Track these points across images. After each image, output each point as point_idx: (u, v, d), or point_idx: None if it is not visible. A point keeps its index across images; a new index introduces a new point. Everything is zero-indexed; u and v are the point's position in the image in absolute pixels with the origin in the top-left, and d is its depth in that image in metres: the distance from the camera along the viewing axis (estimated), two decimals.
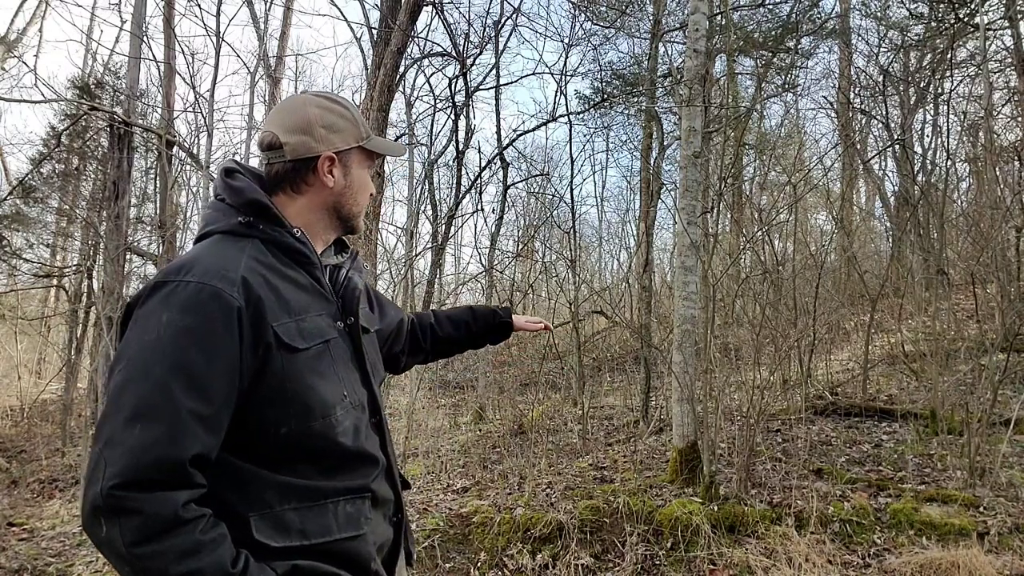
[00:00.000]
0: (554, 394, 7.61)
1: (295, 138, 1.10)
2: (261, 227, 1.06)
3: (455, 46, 6.94)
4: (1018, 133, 8.18)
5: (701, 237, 4.51)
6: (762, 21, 8.53)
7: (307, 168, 1.11)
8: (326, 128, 1.12)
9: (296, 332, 1.01)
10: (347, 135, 1.15)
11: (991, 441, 3.75)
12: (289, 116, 1.12)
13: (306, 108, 1.12)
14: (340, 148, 1.14)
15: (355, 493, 1.08)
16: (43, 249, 10.67)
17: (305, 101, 1.14)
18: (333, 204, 1.16)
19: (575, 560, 3.09)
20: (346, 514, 1.06)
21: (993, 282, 5.97)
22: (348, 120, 1.16)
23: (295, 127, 1.11)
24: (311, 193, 1.13)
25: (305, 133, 1.10)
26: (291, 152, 1.10)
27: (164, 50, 8.17)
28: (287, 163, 1.10)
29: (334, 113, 1.14)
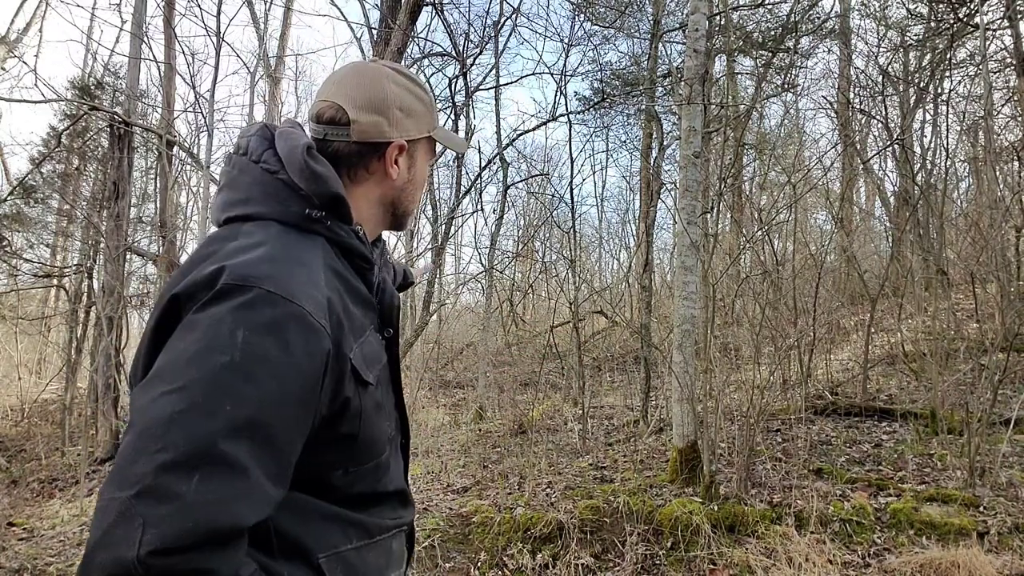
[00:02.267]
0: (554, 394, 7.62)
1: (367, 117, 0.92)
2: (329, 224, 0.87)
3: (455, 46, 6.95)
4: (1018, 133, 8.18)
5: (701, 237, 4.51)
6: (761, 21, 8.55)
7: (373, 154, 0.95)
8: (403, 111, 0.96)
9: (363, 360, 0.85)
10: (421, 122, 1.00)
11: (991, 441, 3.75)
12: (363, 89, 0.93)
13: (384, 83, 0.95)
14: (413, 136, 0.98)
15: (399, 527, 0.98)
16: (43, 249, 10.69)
17: (382, 74, 0.96)
18: (392, 199, 1.00)
19: (575, 560, 3.09)
20: (392, 551, 0.96)
21: (993, 282, 5.97)
22: (425, 104, 1.00)
23: (369, 104, 0.93)
24: (370, 183, 0.97)
25: (380, 113, 0.93)
26: (359, 133, 0.92)
27: (164, 50, 8.17)
28: (351, 144, 0.93)
29: (413, 94, 0.98)
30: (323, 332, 0.76)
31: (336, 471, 0.86)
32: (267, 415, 0.71)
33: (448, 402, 8.20)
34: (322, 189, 0.86)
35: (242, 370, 0.70)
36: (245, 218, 0.86)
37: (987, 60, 7.23)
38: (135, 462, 0.66)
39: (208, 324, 0.72)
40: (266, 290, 0.74)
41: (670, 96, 7.62)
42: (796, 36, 7.66)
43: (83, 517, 4.69)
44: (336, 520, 0.86)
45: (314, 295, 0.78)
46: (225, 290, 0.73)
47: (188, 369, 0.70)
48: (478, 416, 6.96)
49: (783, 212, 6.97)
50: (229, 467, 0.68)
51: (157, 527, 0.63)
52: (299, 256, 0.82)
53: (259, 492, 0.70)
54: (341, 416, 0.82)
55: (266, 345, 0.72)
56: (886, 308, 6.90)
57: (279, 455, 0.73)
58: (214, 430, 0.67)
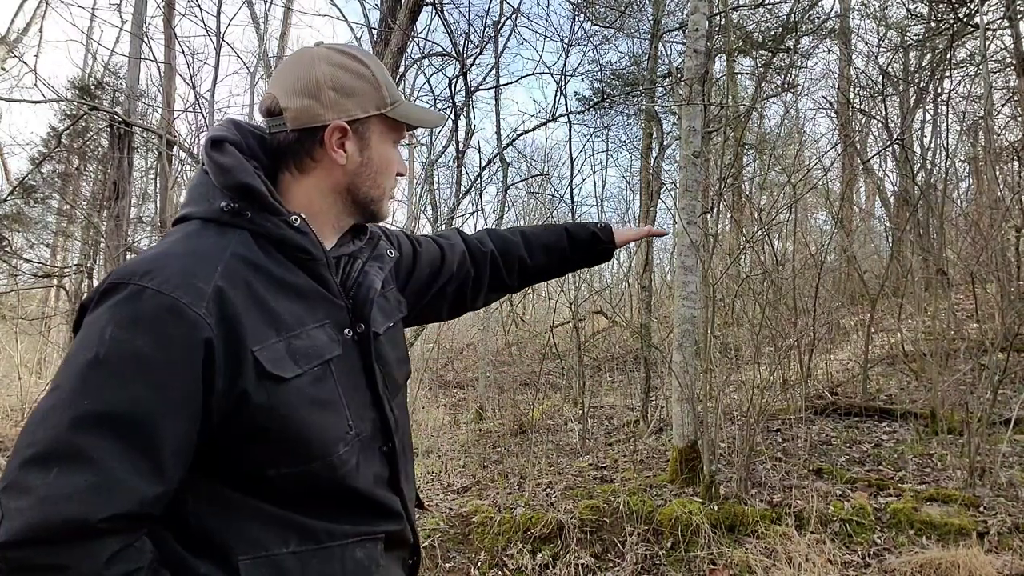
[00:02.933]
0: (554, 394, 7.62)
1: (297, 102, 0.88)
2: (249, 215, 0.84)
3: (455, 46, 6.94)
4: (1018, 133, 8.18)
5: (701, 237, 4.51)
6: (761, 21, 8.54)
7: (312, 140, 0.89)
8: (337, 91, 0.89)
9: (286, 355, 0.81)
10: (365, 100, 0.91)
11: (991, 441, 3.75)
12: (293, 75, 0.89)
13: (314, 65, 0.89)
14: (355, 116, 0.91)
15: (367, 535, 0.90)
16: (43, 249, 10.69)
17: (314, 56, 0.90)
18: (347, 185, 0.93)
19: (575, 560, 3.09)
20: (355, 561, 0.87)
21: (993, 282, 5.97)
22: (367, 81, 0.92)
23: (298, 88, 0.88)
24: (318, 172, 0.91)
25: (310, 96, 0.88)
26: (292, 120, 0.88)
27: (164, 50, 8.17)
28: (289, 133, 0.89)
29: (349, 71, 0.90)
30: (200, 322, 0.74)
31: (267, 470, 0.81)
32: (133, 409, 0.71)
33: (448, 402, 8.20)
34: (228, 181, 0.84)
35: (106, 366, 0.70)
36: (179, 220, 0.87)
37: (987, 60, 7.24)
38: (11, 459, 0.69)
39: (87, 325, 0.74)
40: (140, 285, 0.74)
41: (670, 96, 7.62)
42: (796, 36, 7.66)
43: None
44: (271, 521, 0.82)
45: (195, 284, 0.76)
46: (105, 290, 0.75)
47: (63, 369, 0.72)
48: (478, 416, 6.96)
49: (783, 212, 6.97)
50: (85, 462, 0.68)
51: (12, 520, 0.65)
52: (196, 248, 0.80)
53: (121, 487, 0.69)
54: (240, 410, 0.78)
55: (133, 339, 0.72)
56: (886, 308, 6.90)
57: (150, 450, 0.71)
58: (71, 425, 0.68)
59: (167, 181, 8.08)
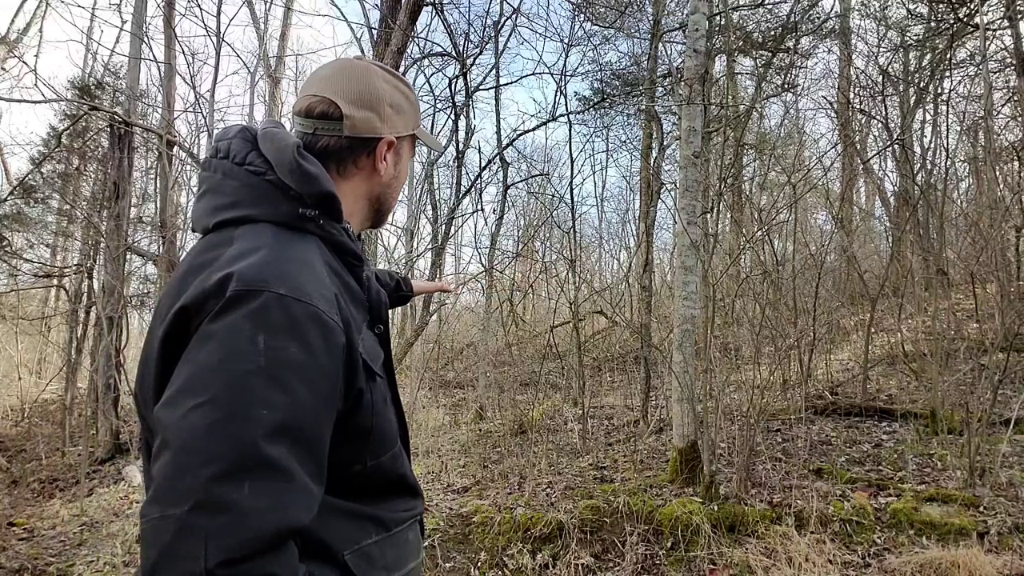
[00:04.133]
0: (554, 394, 7.61)
1: (360, 112, 0.93)
2: (321, 223, 0.88)
3: (455, 46, 6.94)
4: (1018, 133, 8.18)
5: (701, 237, 4.51)
6: (761, 21, 8.54)
7: (364, 149, 0.95)
8: (393, 108, 0.97)
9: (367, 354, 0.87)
10: (409, 119, 1.01)
11: (991, 441, 3.75)
12: (355, 85, 0.94)
13: (374, 80, 0.96)
14: (401, 133, 1.00)
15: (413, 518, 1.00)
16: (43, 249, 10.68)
17: (372, 72, 0.97)
18: (379, 194, 1.01)
19: (575, 560, 3.10)
20: (408, 542, 0.98)
21: (993, 282, 5.97)
22: (411, 103, 1.02)
23: (361, 100, 0.93)
24: (358, 179, 0.97)
25: (372, 109, 0.94)
26: (351, 128, 0.93)
27: (164, 50, 8.16)
28: (343, 139, 0.93)
29: (401, 93, 1.00)
30: (337, 328, 0.78)
31: (356, 466, 0.87)
32: (299, 416, 0.72)
33: (448, 402, 8.20)
34: (315, 189, 0.86)
35: (269, 374, 0.70)
36: (237, 222, 0.85)
37: (987, 60, 7.24)
38: (181, 478, 0.66)
39: (226, 333, 0.72)
40: (278, 293, 0.74)
41: (670, 96, 7.62)
42: (796, 36, 7.66)
43: (83, 517, 4.69)
44: (355, 516, 0.88)
45: (323, 292, 0.79)
46: (236, 297, 0.73)
47: (215, 380, 0.69)
48: (478, 416, 6.95)
49: (783, 212, 6.97)
50: (276, 471, 0.69)
51: (220, 538, 0.64)
52: (301, 256, 0.82)
53: (306, 492, 0.72)
54: (356, 410, 0.83)
55: (288, 347, 0.72)
56: (886, 308, 6.90)
57: (315, 454, 0.75)
58: (255, 436, 0.68)
59: (167, 181, 8.07)
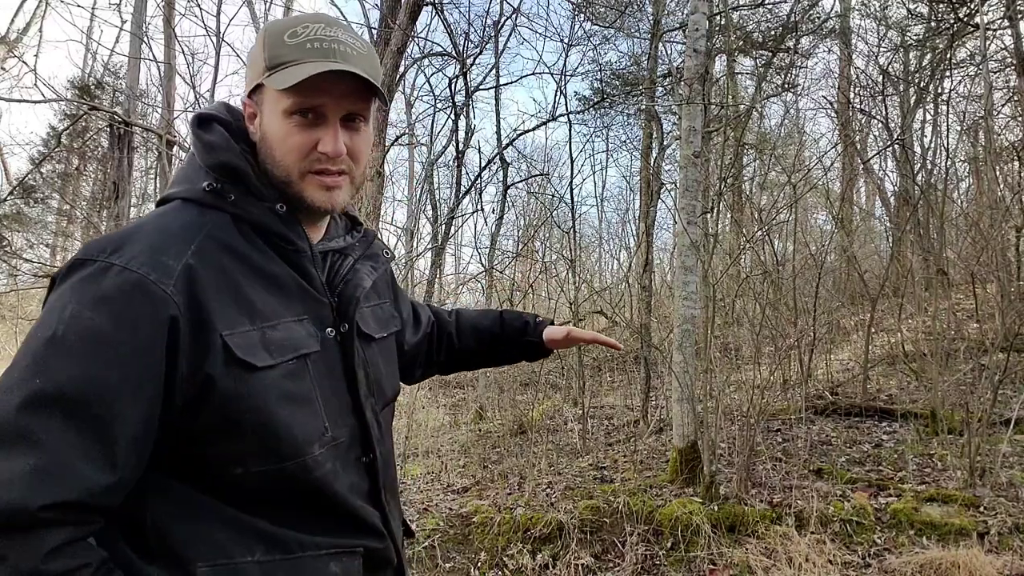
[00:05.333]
0: (554, 394, 7.62)
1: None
2: (233, 198, 0.79)
3: (455, 46, 6.94)
4: (1018, 133, 8.18)
5: (701, 237, 4.51)
6: (761, 21, 8.54)
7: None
8: (250, 64, 0.85)
9: (259, 344, 0.75)
10: (254, 69, 0.83)
11: (991, 441, 3.75)
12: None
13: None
14: (250, 88, 0.85)
15: (344, 548, 0.83)
16: (43, 249, 10.69)
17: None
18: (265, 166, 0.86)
19: (575, 560, 3.09)
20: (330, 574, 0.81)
21: (993, 282, 5.97)
22: (258, 46, 0.83)
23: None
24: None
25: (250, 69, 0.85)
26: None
27: (164, 50, 8.17)
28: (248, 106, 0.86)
29: (259, 41, 0.83)
30: (167, 299, 0.70)
31: (235, 468, 0.75)
32: (87, 390, 0.66)
33: (448, 402, 8.20)
34: (212, 159, 0.80)
35: (62, 344, 0.66)
36: (161, 202, 0.83)
37: (987, 60, 7.24)
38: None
39: (50, 303, 0.70)
40: (107, 262, 0.70)
41: (670, 96, 7.62)
42: (796, 36, 7.66)
43: None
44: (237, 526, 0.76)
45: (164, 261, 0.71)
46: (72, 266, 0.71)
47: (22, 347, 0.68)
48: (478, 416, 6.95)
49: (783, 212, 6.97)
50: (31, 444, 0.63)
51: None
52: (170, 226, 0.76)
53: (67, 473, 0.64)
54: (206, 397, 0.73)
55: (94, 317, 0.67)
56: (886, 308, 6.90)
57: (103, 434, 0.66)
58: (19, 406, 0.63)
59: (167, 181, 8.08)
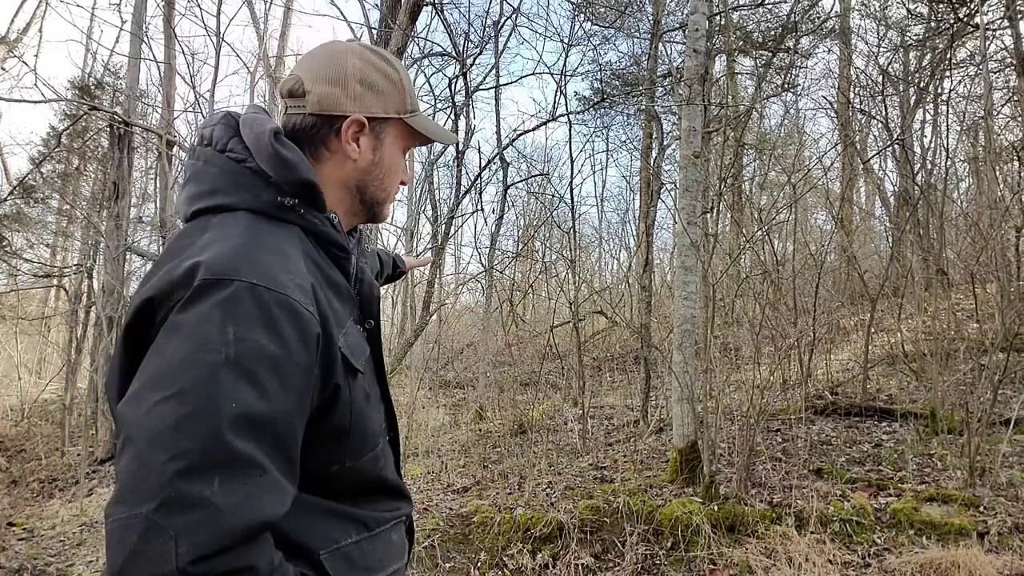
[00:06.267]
0: (554, 394, 7.61)
1: (322, 88, 0.87)
2: (302, 212, 0.84)
3: (455, 46, 6.94)
4: (1018, 133, 8.18)
5: (701, 237, 4.51)
6: (761, 21, 8.54)
7: (329, 129, 0.89)
8: (364, 85, 0.89)
9: (349, 349, 0.83)
10: (388, 101, 0.92)
11: (991, 441, 3.75)
12: (322, 62, 0.89)
13: (345, 57, 0.90)
14: (375, 114, 0.91)
15: (397, 519, 0.97)
16: (43, 249, 10.69)
17: (347, 49, 0.91)
18: (356, 182, 0.93)
19: (575, 560, 3.09)
20: (392, 543, 0.95)
21: (993, 282, 5.97)
22: (393, 83, 0.92)
23: (326, 75, 0.88)
24: (332, 163, 0.91)
25: (336, 84, 0.88)
26: (313, 104, 0.87)
27: (164, 50, 8.17)
28: (307, 116, 0.88)
29: (378, 70, 0.91)
30: (312, 318, 0.74)
31: (333, 466, 0.84)
32: (270, 410, 0.69)
33: (448, 402, 8.19)
34: (292, 176, 0.82)
35: (239, 367, 0.67)
36: (215, 210, 0.82)
37: (987, 60, 7.24)
38: (147, 476, 0.63)
39: (195, 324, 0.68)
40: (249, 282, 0.71)
41: (670, 96, 7.62)
42: (796, 36, 7.66)
43: (83, 517, 4.69)
44: (334, 516, 0.86)
45: (298, 282, 0.75)
46: (204, 286, 0.70)
47: (182, 373, 0.66)
48: (478, 416, 6.95)
49: (783, 212, 6.98)
50: (246, 465, 0.66)
51: (191, 536, 0.62)
52: (275, 245, 0.78)
53: (278, 486, 0.70)
54: (332, 405, 0.80)
55: (259, 338, 0.69)
56: (886, 308, 6.90)
57: (286, 449, 0.72)
58: (224, 431, 0.65)
59: (167, 181, 8.07)
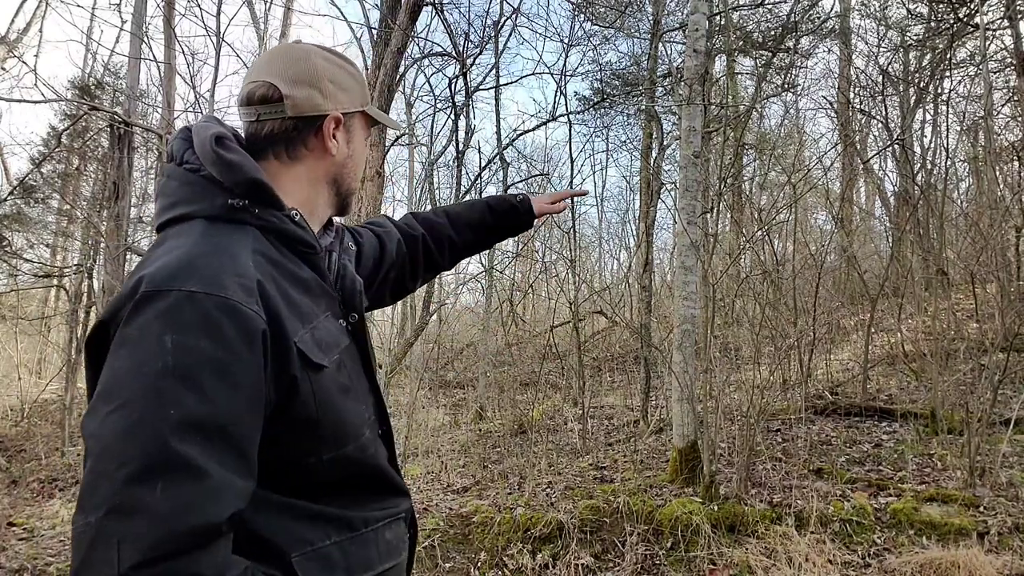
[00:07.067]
0: (554, 394, 7.62)
1: (301, 91, 0.90)
2: (256, 211, 0.85)
3: (455, 46, 6.94)
4: (1018, 133, 8.18)
5: (701, 237, 4.51)
6: (761, 21, 8.54)
7: (310, 129, 0.93)
8: (335, 84, 0.94)
9: (314, 344, 0.84)
10: (355, 95, 0.98)
11: (991, 441, 3.75)
12: (291, 65, 0.92)
13: (311, 58, 0.93)
14: (348, 109, 0.96)
15: (393, 516, 0.97)
16: (43, 249, 10.69)
17: (309, 51, 0.94)
18: (335, 175, 0.98)
19: (575, 560, 3.09)
20: (386, 542, 0.95)
21: (993, 282, 5.97)
22: (355, 78, 0.99)
23: (300, 78, 0.91)
24: (311, 160, 0.94)
25: (312, 86, 0.92)
26: (294, 108, 0.90)
27: (164, 50, 8.16)
28: (286, 120, 0.90)
29: (342, 68, 0.96)
30: (255, 316, 0.75)
31: (309, 458, 0.84)
32: (214, 412, 0.70)
33: (448, 402, 8.20)
34: (237, 177, 0.84)
35: (178, 374, 0.69)
36: (175, 221, 0.85)
37: (987, 60, 7.23)
38: (98, 485, 0.66)
39: (137, 336, 0.71)
40: (187, 291, 0.72)
41: (670, 96, 7.62)
42: (796, 36, 7.66)
43: None
44: (310, 517, 0.86)
45: (240, 282, 0.76)
46: (144, 299, 0.72)
47: (127, 384, 0.69)
48: (478, 416, 6.95)
49: (783, 212, 6.97)
50: (188, 469, 0.67)
51: (133, 542, 0.63)
52: (222, 246, 0.80)
53: (225, 487, 0.70)
54: (291, 399, 0.80)
55: (198, 343, 0.71)
56: (886, 308, 6.90)
57: (237, 447, 0.72)
58: (164, 437, 0.67)
59: None
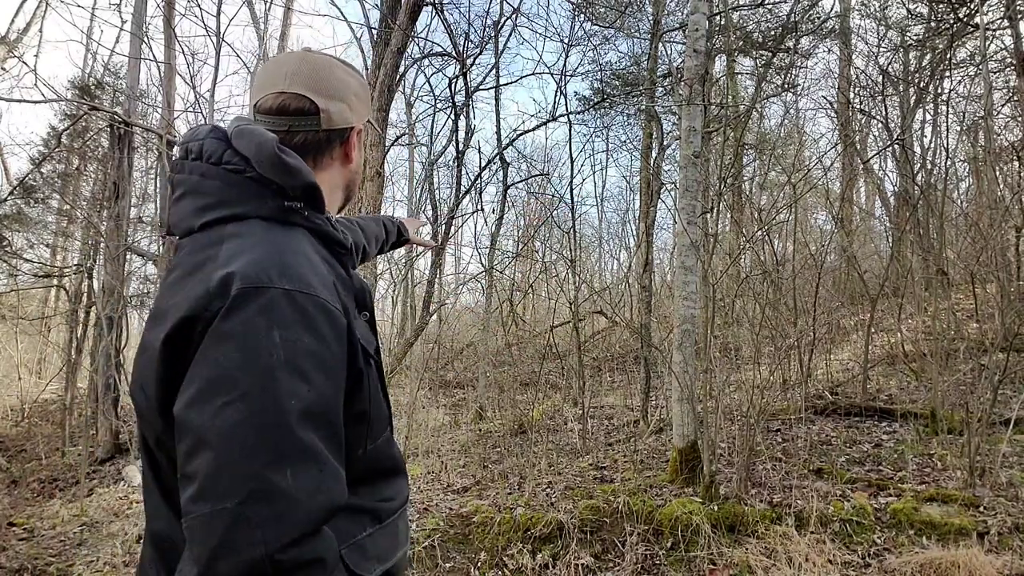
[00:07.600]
0: (554, 394, 7.62)
1: (335, 106, 0.95)
2: (306, 214, 0.90)
3: (455, 46, 6.94)
4: (1018, 133, 8.18)
5: (701, 237, 4.51)
6: (761, 21, 8.54)
7: (338, 140, 0.98)
8: (357, 97, 1.00)
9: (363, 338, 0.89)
10: (367, 106, 1.05)
11: (991, 441, 3.75)
12: (321, 79, 0.95)
13: (337, 71, 0.98)
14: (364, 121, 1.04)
15: (403, 504, 1.02)
16: (43, 249, 10.68)
17: (331, 63, 0.98)
18: (349, 181, 1.04)
19: (575, 560, 3.09)
20: (400, 531, 0.99)
21: (993, 282, 5.97)
22: (366, 90, 1.05)
23: (333, 93, 0.96)
24: (333, 169, 1.00)
25: (343, 100, 0.97)
26: (328, 121, 0.95)
27: (164, 50, 8.16)
28: (320, 133, 0.95)
29: (358, 81, 1.02)
30: (339, 313, 0.81)
31: (358, 450, 0.89)
32: (321, 402, 0.76)
33: (448, 402, 8.20)
34: (299, 181, 0.87)
35: (291, 365, 0.74)
36: (225, 220, 0.86)
37: (987, 60, 7.23)
38: (227, 472, 0.69)
39: (242, 331, 0.74)
40: (283, 288, 0.77)
41: (670, 96, 7.62)
42: (796, 36, 7.66)
43: (83, 517, 4.69)
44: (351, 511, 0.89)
45: (323, 282, 0.82)
46: (243, 295, 0.75)
47: (242, 377, 0.72)
48: (478, 416, 6.95)
49: (783, 212, 6.98)
50: (313, 455, 0.73)
51: (275, 525, 0.68)
52: (296, 248, 0.84)
53: (338, 473, 0.77)
54: (356, 392, 0.85)
55: (302, 338, 0.75)
56: (886, 308, 6.90)
57: (338, 436, 0.79)
58: (289, 425, 0.72)
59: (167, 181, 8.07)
